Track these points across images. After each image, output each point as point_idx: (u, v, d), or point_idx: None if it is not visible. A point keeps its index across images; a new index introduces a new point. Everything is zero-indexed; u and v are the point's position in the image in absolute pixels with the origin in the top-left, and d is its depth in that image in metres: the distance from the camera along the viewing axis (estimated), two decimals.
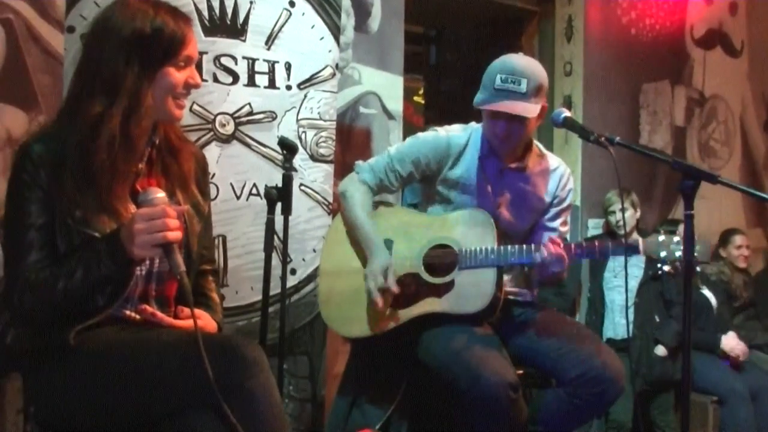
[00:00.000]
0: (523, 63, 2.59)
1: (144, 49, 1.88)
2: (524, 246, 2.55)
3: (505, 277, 2.70)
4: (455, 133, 2.76)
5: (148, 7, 1.93)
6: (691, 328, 2.19)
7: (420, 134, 2.79)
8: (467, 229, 2.63)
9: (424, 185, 2.82)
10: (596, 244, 2.54)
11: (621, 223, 4.36)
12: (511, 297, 2.76)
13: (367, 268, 2.63)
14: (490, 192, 2.70)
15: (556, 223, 2.78)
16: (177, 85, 1.94)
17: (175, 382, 1.76)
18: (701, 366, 4.18)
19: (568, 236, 2.87)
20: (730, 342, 4.43)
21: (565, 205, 2.80)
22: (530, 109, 2.54)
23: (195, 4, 2.79)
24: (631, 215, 4.46)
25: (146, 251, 1.78)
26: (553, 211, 2.78)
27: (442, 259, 2.63)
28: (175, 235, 1.78)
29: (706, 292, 4.64)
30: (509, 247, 2.56)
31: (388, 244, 2.70)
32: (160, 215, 1.76)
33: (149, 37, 1.88)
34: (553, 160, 2.82)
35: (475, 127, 2.75)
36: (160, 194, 1.83)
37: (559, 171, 2.80)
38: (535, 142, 2.79)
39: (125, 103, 1.87)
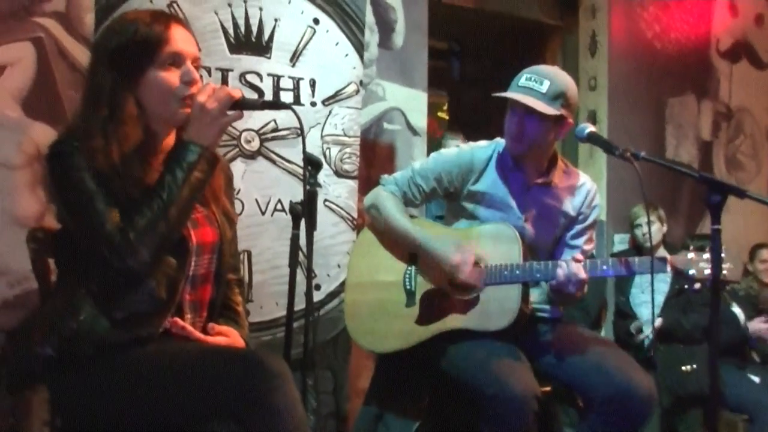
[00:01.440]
0: (550, 68, 2.64)
1: (122, 56, 1.90)
2: (548, 263, 2.54)
3: (533, 294, 2.68)
4: (479, 147, 2.76)
5: (134, 16, 1.96)
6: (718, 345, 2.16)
7: (443, 150, 2.79)
8: (492, 244, 2.62)
9: (449, 200, 2.82)
10: (623, 260, 2.52)
11: (647, 236, 4.32)
12: (537, 314, 2.74)
13: (438, 259, 2.60)
14: (515, 206, 2.69)
15: (580, 241, 2.76)
16: (171, 87, 1.92)
17: (201, 394, 1.78)
18: (731, 381, 4.13)
19: (593, 252, 2.84)
20: (758, 325, 4.39)
21: (589, 222, 2.78)
22: (543, 107, 2.54)
23: (221, 22, 2.82)
24: (658, 229, 4.42)
25: (219, 121, 1.89)
26: (578, 228, 2.77)
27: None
28: (236, 91, 1.92)
29: (736, 309, 4.58)
30: (534, 263, 2.55)
31: (413, 257, 2.71)
32: (211, 88, 1.91)
33: (125, 43, 1.90)
34: (579, 177, 2.80)
35: (499, 142, 2.75)
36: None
37: (586, 187, 2.78)
38: (561, 157, 2.78)
39: (104, 113, 1.88)
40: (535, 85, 2.56)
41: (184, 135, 1.93)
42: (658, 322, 4.26)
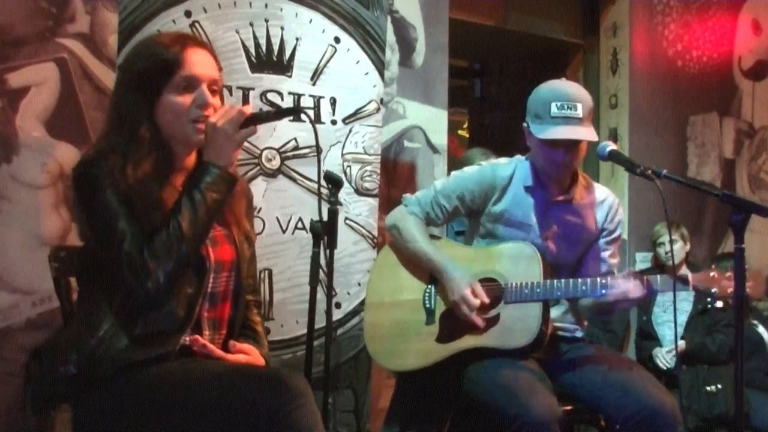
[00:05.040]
0: (573, 88, 2.60)
1: (142, 79, 1.94)
2: (569, 281, 2.53)
3: (553, 312, 2.67)
4: (500, 165, 2.75)
5: (156, 40, 2.01)
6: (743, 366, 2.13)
7: (465, 169, 2.78)
8: (512, 263, 2.61)
9: (471, 218, 2.81)
10: (644, 279, 2.49)
11: (670, 254, 4.28)
12: (559, 333, 2.72)
13: (450, 287, 2.59)
14: (536, 225, 2.68)
15: (605, 255, 2.74)
16: (180, 110, 1.95)
17: (222, 413, 1.78)
18: (757, 403, 4.07)
19: (615, 270, 2.82)
20: None
21: (614, 236, 2.76)
22: (590, 133, 2.54)
23: (242, 41, 2.84)
24: (681, 247, 4.39)
25: (233, 139, 1.92)
26: (602, 242, 2.75)
27: (487, 294, 2.61)
28: (247, 107, 1.95)
29: (761, 329, 4.52)
30: (556, 281, 2.53)
31: (433, 277, 2.70)
32: (223, 108, 1.95)
33: (146, 66, 1.95)
34: (601, 192, 2.78)
35: (519, 160, 2.74)
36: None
37: (608, 202, 2.76)
38: (581, 173, 2.77)
39: (126, 134, 1.92)
40: (570, 112, 2.52)
41: (203, 157, 1.95)
42: (682, 345, 4.22)
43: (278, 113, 2.15)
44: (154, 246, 1.84)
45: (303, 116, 2.79)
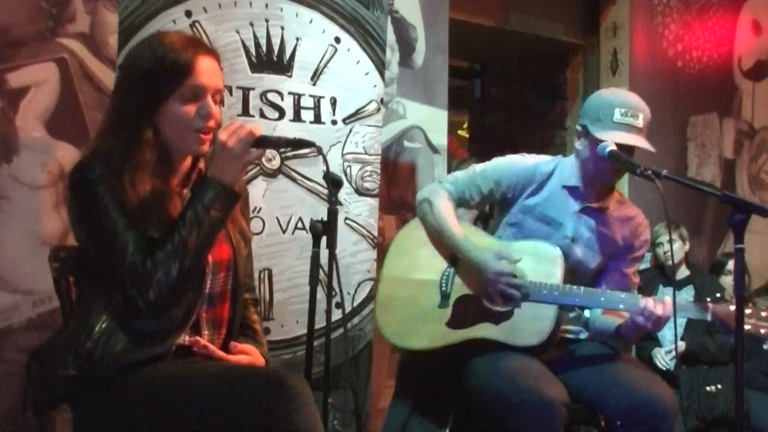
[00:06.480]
0: (636, 98, 2.63)
1: (146, 81, 1.91)
2: (589, 289, 2.52)
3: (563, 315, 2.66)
4: (543, 161, 2.75)
5: (165, 41, 1.96)
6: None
7: (509, 156, 2.77)
8: (533, 261, 2.58)
9: (501, 206, 2.79)
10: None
11: (669, 254, 4.30)
12: (565, 335, 2.72)
13: (482, 267, 2.56)
14: (567, 227, 2.67)
15: (630, 271, 2.74)
16: (184, 120, 1.93)
17: (222, 414, 1.78)
18: (757, 404, 4.07)
19: (635, 290, 2.81)
20: None
21: (639, 254, 2.77)
22: (648, 145, 2.57)
23: (243, 41, 2.84)
24: (680, 247, 4.39)
25: (241, 160, 1.91)
26: (629, 258, 2.74)
27: None
28: (258, 128, 1.92)
29: None
30: (575, 287, 2.52)
31: (454, 259, 2.68)
32: (234, 126, 1.92)
33: (152, 69, 1.91)
34: (632, 209, 2.80)
35: (562, 160, 2.75)
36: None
37: (637, 220, 2.77)
38: (616, 187, 2.78)
39: (125, 137, 1.90)
40: (633, 121, 2.55)
41: (207, 171, 1.95)
42: (682, 345, 4.22)
43: (288, 142, 2.13)
44: (156, 259, 1.84)
45: (303, 116, 2.80)
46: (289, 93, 2.93)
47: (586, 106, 2.66)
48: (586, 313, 2.73)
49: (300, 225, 2.95)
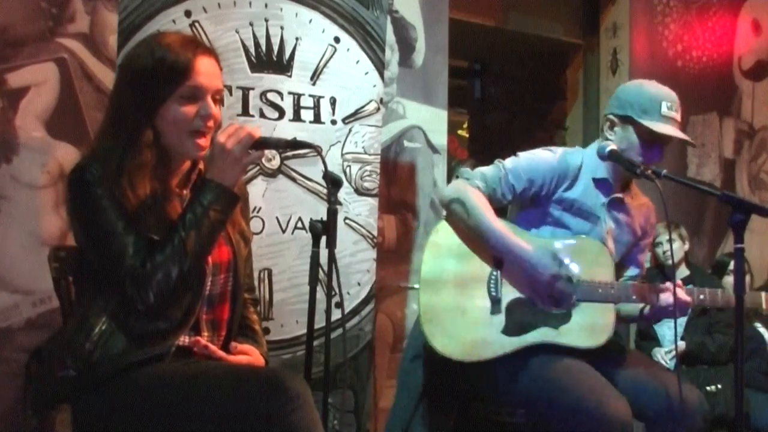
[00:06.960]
0: (671, 91, 2.68)
1: (146, 81, 1.91)
2: (644, 285, 2.54)
3: None
4: (570, 153, 2.67)
5: (164, 41, 1.95)
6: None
7: (537, 151, 2.65)
8: (583, 259, 2.50)
9: (533, 204, 2.66)
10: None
11: (668, 254, 4.31)
12: None
13: (539, 268, 2.41)
14: (603, 220, 2.64)
15: (642, 258, 2.76)
16: (183, 121, 1.92)
17: (221, 414, 1.78)
18: (757, 404, 4.07)
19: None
20: None
21: (649, 240, 2.80)
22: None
23: (242, 41, 2.84)
24: (679, 247, 4.40)
25: (240, 162, 1.91)
26: (641, 245, 2.77)
27: None
28: (256, 130, 1.91)
29: (761, 328, 4.52)
30: (630, 283, 2.53)
31: (498, 261, 2.50)
32: (233, 128, 1.91)
33: (151, 69, 1.91)
34: (642, 195, 2.80)
35: (585, 151, 2.69)
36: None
37: (648, 206, 2.80)
38: None
39: (124, 137, 1.90)
40: (677, 115, 2.62)
41: (206, 173, 1.94)
42: (682, 345, 4.22)
43: (287, 144, 2.11)
44: (156, 261, 1.84)
45: (303, 116, 2.80)
46: (289, 93, 2.93)
47: (626, 96, 2.63)
48: None
49: (300, 225, 2.95)
